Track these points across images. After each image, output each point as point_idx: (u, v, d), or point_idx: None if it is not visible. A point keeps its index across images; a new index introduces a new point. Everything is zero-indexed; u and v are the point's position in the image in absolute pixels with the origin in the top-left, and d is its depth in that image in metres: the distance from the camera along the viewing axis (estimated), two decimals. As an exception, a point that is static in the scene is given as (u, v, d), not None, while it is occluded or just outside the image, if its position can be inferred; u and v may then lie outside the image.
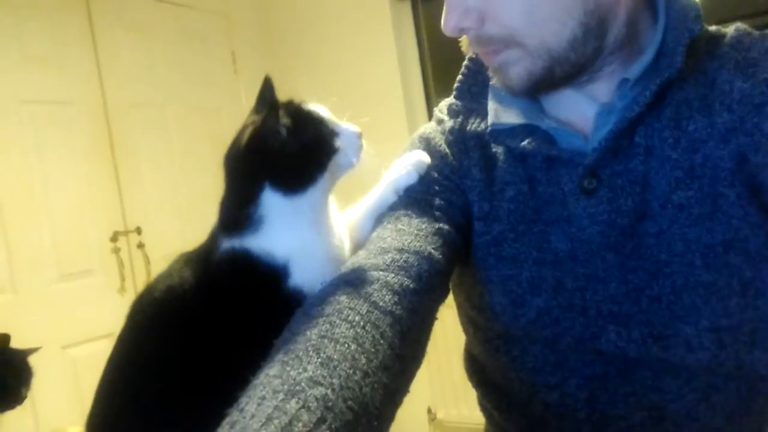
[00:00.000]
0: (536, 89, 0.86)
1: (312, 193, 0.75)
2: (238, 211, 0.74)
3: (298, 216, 0.74)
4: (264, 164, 0.73)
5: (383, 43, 3.39)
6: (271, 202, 0.73)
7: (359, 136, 0.79)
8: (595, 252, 0.83)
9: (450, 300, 0.95)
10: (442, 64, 3.45)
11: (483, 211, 0.92)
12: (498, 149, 0.94)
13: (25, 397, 1.35)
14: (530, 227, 0.88)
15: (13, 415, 1.33)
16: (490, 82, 0.96)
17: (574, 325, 0.84)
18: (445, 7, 0.83)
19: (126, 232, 2.93)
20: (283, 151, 0.73)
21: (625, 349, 0.81)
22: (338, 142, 0.77)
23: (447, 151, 0.98)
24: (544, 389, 0.88)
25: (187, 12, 3.36)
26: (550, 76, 0.83)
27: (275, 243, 0.73)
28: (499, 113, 0.92)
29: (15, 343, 1.37)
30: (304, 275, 0.73)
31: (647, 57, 0.83)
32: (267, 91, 0.78)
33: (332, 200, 0.82)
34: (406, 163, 0.92)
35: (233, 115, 3.51)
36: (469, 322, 0.99)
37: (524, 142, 0.88)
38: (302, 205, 0.74)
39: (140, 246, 2.97)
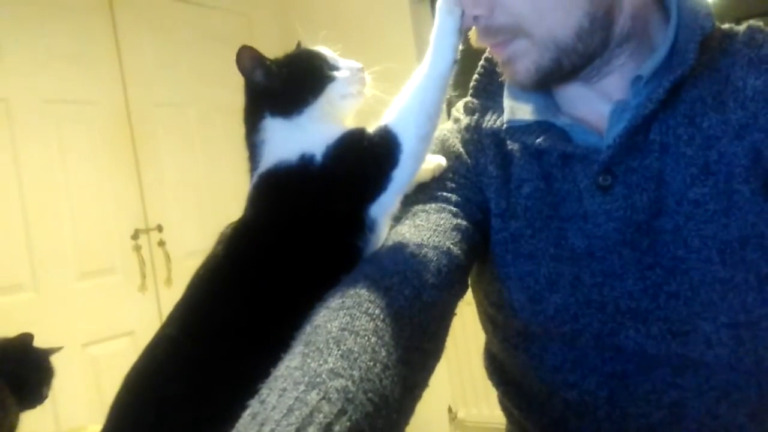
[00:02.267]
0: (544, 82, 0.87)
1: (310, 114, 0.79)
2: (251, 142, 0.82)
3: (302, 128, 0.79)
4: (259, 95, 0.82)
5: (403, 44, 3.39)
6: (274, 126, 0.80)
7: (360, 69, 0.85)
8: (612, 248, 0.84)
9: (470, 298, 0.96)
10: (461, 63, 3.43)
11: (500, 207, 0.92)
12: (514, 146, 0.95)
13: (47, 397, 1.36)
14: (547, 224, 0.88)
15: (33, 414, 1.34)
16: (507, 82, 0.96)
17: (593, 322, 0.85)
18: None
19: (147, 230, 2.95)
20: (271, 81, 0.81)
21: (644, 345, 0.82)
22: (335, 73, 0.82)
23: (461, 150, 0.99)
24: (564, 387, 0.88)
25: (209, 12, 3.37)
26: (558, 68, 0.84)
27: (287, 149, 0.78)
28: (515, 110, 0.93)
29: (36, 341, 1.38)
30: (323, 144, 0.77)
31: (660, 54, 0.84)
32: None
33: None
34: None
35: (253, 115, 3.52)
36: (488, 319, 1.00)
37: (540, 139, 0.89)
38: (302, 122, 0.79)
39: (161, 244, 2.98)
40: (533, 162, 0.91)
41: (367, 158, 0.76)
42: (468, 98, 1.04)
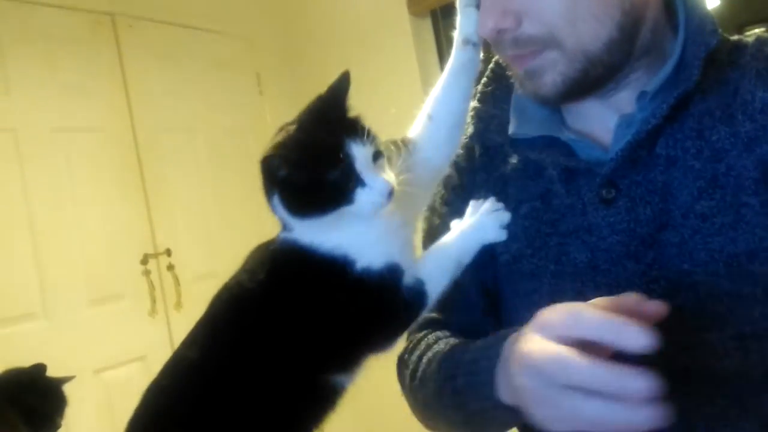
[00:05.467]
0: (569, 96, 0.86)
1: (316, 222, 0.72)
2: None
3: (332, 225, 0.73)
4: (273, 183, 0.73)
5: (405, 60, 3.40)
6: (283, 213, 0.74)
7: (389, 194, 0.72)
8: (616, 261, 0.83)
9: None
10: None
11: None
12: (513, 163, 0.95)
13: (60, 426, 1.36)
14: (546, 241, 0.89)
15: (46, 443, 1.34)
16: (515, 92, 0.95)
17: None
18: (481, 10, 0.83)
19: (156, 255, 2.96)
20: (287, 181, 0.71)
21: (650, 358, 0.81)
22: (358, 194, 0.71)
23: (463, 165, 1.01)
24: None
25: (213, 37, 3.41)
26: (584, 80, 0.83)
27: (316, 238, 0.74)
28: (520, 124, 0.93)
29: (48, 369, 1.38)
30: (367, 257, 0.74)
31: (666, 70, 0.83)
32: (335, 95, 0.76)
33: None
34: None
35: (259, 136, 3.54)
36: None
37: (543, 154, 0.89)
38: (311, 224, 0.73)
39: (170, 268, 2.99)
40: (531, 181, 0.92)
41: (399, 310, 0.79)
42: (475, 103, 1.03)
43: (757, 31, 0.88)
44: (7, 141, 2.55)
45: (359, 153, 0.71)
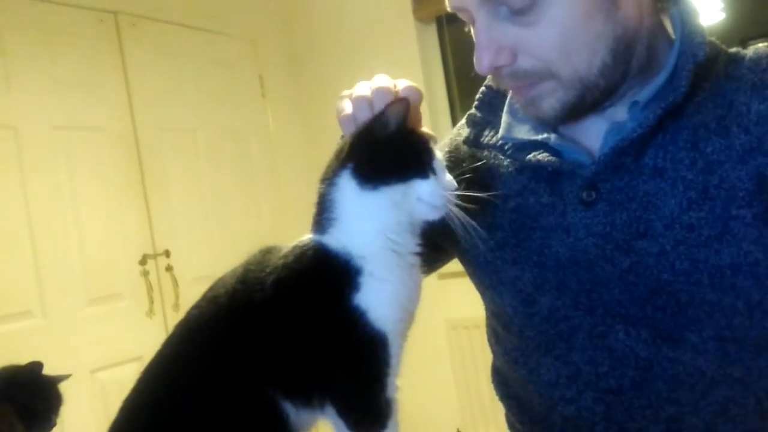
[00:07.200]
0: (568, 118, 0.87)
1: (381, 196, 0.75)
2: (323, 202, 0.78)
3: (372, 216, 0.76)
4: (357, 148, 0.77)
5: (409, 66, 3.40)
6: (347, 190, 0.76)
7: (450, 193, 0.79)
8: (593, 262, 0.85)
9: (478, 321, 1.00)
10: (468, 85, 3.45)
11: (486, 221, 0.93)
12: (500, 159, 0.98)
13: (55, 424, 1.36)
14: (530, 234, 0.91)
15: (41, 441, 1.33)
16: (509, 98, 0.97)
17: (583, 324, 0.87)
18: (476, 47, 0.84)
19: (155, 255, 2.96)
20: (379, 140, 0.76)
21: (635, 348, 0.84)
22: (431, 177, 0.77)
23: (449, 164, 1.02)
24: (561, 403, 0.90)
25: (216, 38, 3.41)
26: (582, 103, 0.85)
27: (351, 238, 0.75)
28: (511, 127, 0.95)
29: (44, 367, 1.38)
30: (371, 296, 0.74)
31: (659, 80, 0.84)
32: None
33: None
34: None
35: (261, 138, 3.55)
36: (492, 332, 1.04)
37: (530, 155, 0.90)
38: (371, 203, 0.75)
39: (169, 269, 2.99)
40: (521, 178, 0.94)
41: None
42: (472, 110, 1.05)
43: (759, 45, 0.87)
44: (7, 138, 2.55)
45: (438, 155, 0.81)
